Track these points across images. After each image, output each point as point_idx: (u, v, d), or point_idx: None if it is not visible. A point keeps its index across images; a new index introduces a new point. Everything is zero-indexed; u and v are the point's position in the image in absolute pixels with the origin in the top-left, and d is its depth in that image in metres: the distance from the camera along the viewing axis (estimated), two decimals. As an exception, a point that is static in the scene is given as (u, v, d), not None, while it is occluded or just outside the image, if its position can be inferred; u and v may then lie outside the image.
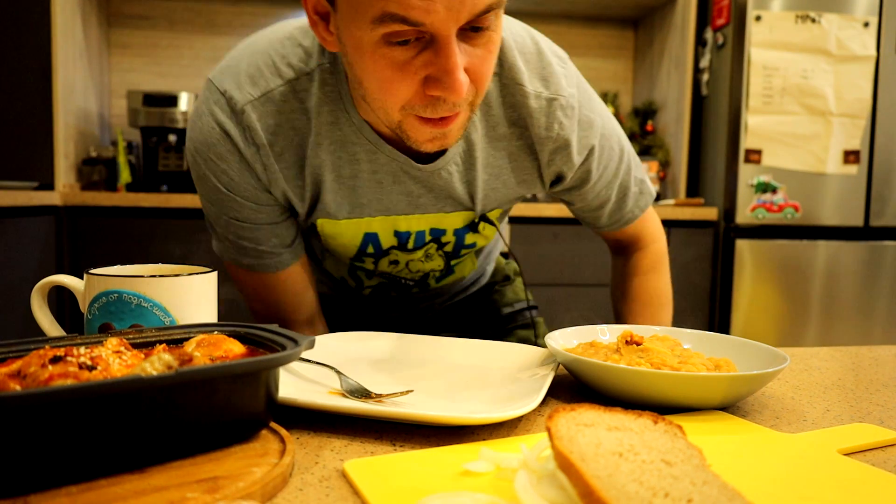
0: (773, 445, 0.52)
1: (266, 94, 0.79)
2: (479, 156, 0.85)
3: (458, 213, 0.89)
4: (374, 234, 0.89)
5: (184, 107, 2.58)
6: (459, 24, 0.64)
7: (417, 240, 0.91)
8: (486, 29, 0.67)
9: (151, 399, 0.43)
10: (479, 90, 0.71)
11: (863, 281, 2.62)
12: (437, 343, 0.81)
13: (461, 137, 0.78)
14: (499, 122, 0.85)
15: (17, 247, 2.01)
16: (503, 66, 0.83)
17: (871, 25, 2.54)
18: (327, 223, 0.86)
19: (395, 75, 0.67)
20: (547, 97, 0.84)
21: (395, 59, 0.66)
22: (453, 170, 0.84)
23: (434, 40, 0.65)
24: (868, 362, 0.86)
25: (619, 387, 0.62)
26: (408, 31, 0.64)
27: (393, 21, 0.63)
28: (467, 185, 0.87)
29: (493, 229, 0.95)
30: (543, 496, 0.39)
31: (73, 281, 0.67)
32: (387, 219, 0.87)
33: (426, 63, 0.66)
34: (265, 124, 0.79)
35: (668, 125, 2.96)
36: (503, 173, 0.87)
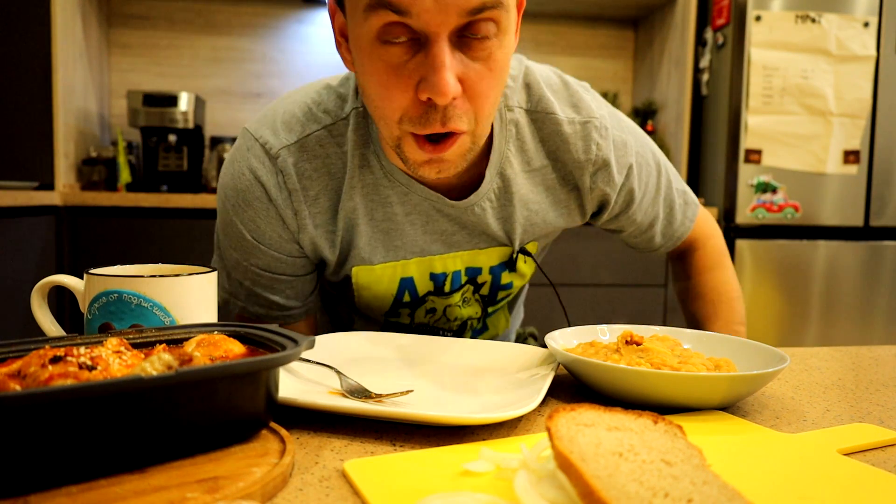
0: (773, 445, 0.52)
1: (302, 139, 0.79)
2: (515, 191, 0.84)
3: (492, 250, 0.88)
4: (410, 280, 0.87)
5: (184, 107, 2.58)
6: (450, 23, 0.63)
7: (454, 281, 0.89)
8: (485, 38, 0.65)
9: (151, 399, 0.43)
10: (479, 114, 0.69)
11: (863, 281, 2.62)
12: (437, 343, 0.81)
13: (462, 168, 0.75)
14: (534, 155, 0.84)
15: (17, 247, 2.01)
16: (532, 100, 0.84)
17: (871, 25, 2.54)
18: (362, 271, 0.85)
19: (391, 79, 0.66)
20: (580, 121, 0.84)
21: (390, 59, 0.66)
22: (487, 206, 0.84)
23: (426, 41, 0.64)
24: (868, 362, 0.86)
25: (619, 387, 0.62)
26: (398, 27, 0.63)
27: (380, 7, 0.62)
28: (503, 222, 0.86)
29: (530, 266, 0.93)
30: (543, 496, 0.39)
31: (73, 281, 0.67)
32: (422, 260, 0.86)
33: (419, 65, 0.65)
34: (300, 169, 0.79)
35: (668, 125, 2.96)
36: (542, 208, 0.87)
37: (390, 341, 0.82)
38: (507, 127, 0.83)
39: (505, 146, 0.83)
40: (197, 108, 2.64)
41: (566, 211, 0.89)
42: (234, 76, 2.99)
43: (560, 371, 0.77)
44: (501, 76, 0.69)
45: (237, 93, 3.00)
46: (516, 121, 0.83)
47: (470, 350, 0.79)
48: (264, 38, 3.01)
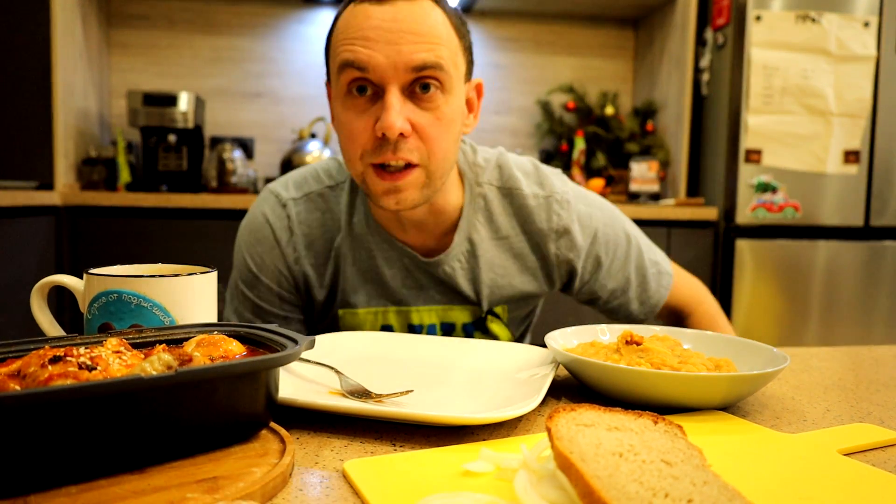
0: (773, 445, 0.52)
1: (307, 195, 0.96)
2: (481, 255, 0.95)
3: (464, 308, 0.97)
4: (389, 327, 0.97)
5: (183, 107, 2.58)
6: (399, 77, 0.79)
7: (429, 333, 0.97)
8: (432, 89, 0.81)
9: (151, 399, 0.43)
10: (431, 153, 0.82)
11: (863, 281, 2.62)
12: (437, 343, 0.81)
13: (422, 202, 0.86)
14: (501, 225, 0.96)
15: (17, 247, 2.01)
16: (502, 178, 0.97)
17: (871, 25, 2.54)
18: (347, 314, 0.96)
19: (355, 121, 0.82)
20: (543, 196, 0.97)
21: (355, 106, 0.82)
22: (456, 266, 0.95)
23: (382, 92, 0.80)
24: (868, 362, 0.86)
25: (619, 387, 0.62)
26: (359, 77, 0.80)
27: (348, 66, 0.80)
28: (472, 283, 0.96)
29: (502, 329, 0.98)
30: (543, 496, 0.39)
31: (73, 281, 0.67)
32: (401, 310, 0.96)
33: (377, 110, 0.81)
34: (301, 218, 0.95)
35: (668, 125, 2.96)
36: (507, 272, 0.96)
37: (390, 341, 0.82)
38: (476, 199, 0.96)
39: (473, 215, 0.95)
40: (197, 108, 2.64)
41: (533, 278, 0.98)
42: (234, 76, 2.99)
43: (560, 371, 0.77)
44: (449, 127, 0.83)
45: (237, 93, 3.00)
46: (485, 195, 0.96)
47: (470, 350, 0.79)
48: (264, 38, 3.01)
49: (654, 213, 2.56)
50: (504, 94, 3.19)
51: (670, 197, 2.92)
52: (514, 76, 3.20)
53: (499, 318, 0.97)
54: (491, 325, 0.97)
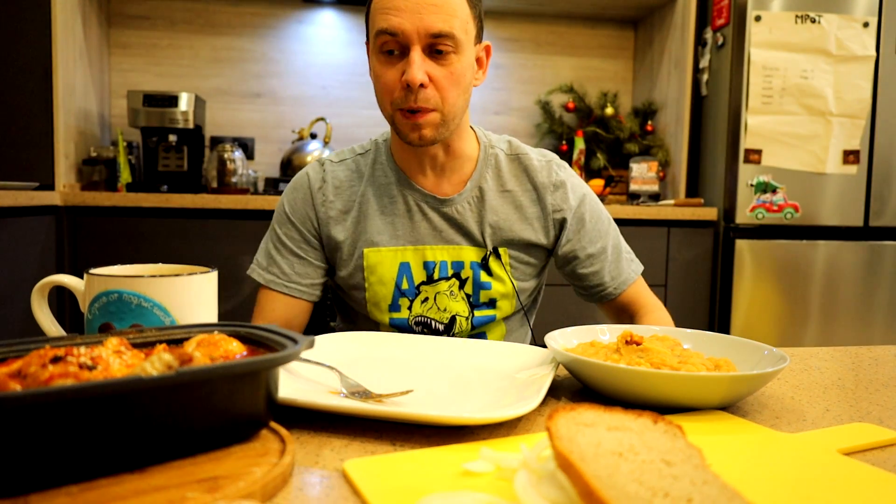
0: (773, 445, 0.52)
1: (343, 160, 1.16)
2: (487, 201, 1.11)
3: (472, 248, 1.11)
4: (407, 265, 1.11)
5: (184, 107, 2.58)
6: (421, 40, 0.98)
7: (441, 270, 1.11)
8: (446, 53, 0.99)
9: (151, 399, 0.43)
10: (443, 98, 1.01)
11: (863, 281, 2.62)
12: (437, 343, 0.81)
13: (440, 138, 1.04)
14: (507, 180, 1.13)
15: (17, 247, 2.01)
16: (511, 148, 1.16)
17: (871, 25, 2.54)
18: (371, 252, 1.10)
19: (387, 73, 1.01)
20: (546, 160, 1.16)
21: (388, 62, 1.01)
22: (467, 207, 1.11)
23: (407, 52, 0.99)
24: (868, 362, 0.86)
25: (619, 387, 0.62)
26: (391, 41, 0.99)
27: (382, 33, 0.98)
28: (479, 224, 1.11)
29: (500, 270, 1.12)
30: (543, 496, 0.39)
31: (74, 281, 0.67)
32: (417, 249, 1.11)
33: (403, 65, 0.99)
34: (336, 174, 1.15)
35: (668, 125, 2.96)
36: (509, 218, 1.12)
37: (390, 341, 0.82)
38: (489, 157, 1.14)
39: (484, 168, 1.13)
40: (197, 108, 2.64)
41: (531, 226, 1.12)
42: (234, 76, 2.99)
43: (560, 371, 0.77)
44: (460, 80, 1.02)
45: (237, 93, 3.00)
46: (496, 155, 1.14)
47: (470, 350, 0.79)
48: (264, 38, 3.01)
49: (654, 213, 2.56)
50: (504, 94, 3.19)
51: (670, 197, 2.92)
52: (514, 76, 3.20)
53: (500, 259, 1.11)
54: (493, 265, 1.11)
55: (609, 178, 2.97)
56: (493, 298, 1.12)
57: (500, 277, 1.11)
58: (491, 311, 1.12)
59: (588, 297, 1.20)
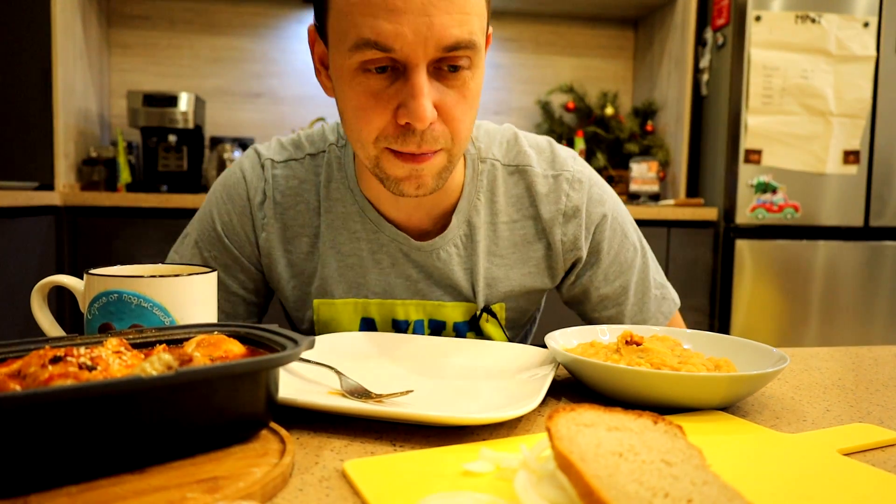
0: (773, 445, 0.52)
1: (288, 161, 0.88)
2: (480, 240, 0.86)
3: (457, 304, 0.87)
4: (371, 321, 0.88)
5: (183, 107, 2.58)
6: (428, 55, 0.67)
7: (416, 332, 0.88)
8: (461, 69, 0.70)
9: (151, 399, 0.43)
10: (455, 135, 0.73)
11: (863, 281, 2.62)
12: (437, 343, 0.81)
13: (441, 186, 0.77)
14: (504, 206, 0.87)
15: (17, 247, 2.01)
16: (510, 154, 0.88)
17: (871, 25, 2.54)
18: (323, 305, 0.87)
19: (370, 102, 0.70)
20: (553, 174, 0.87)
21: (371, 87, 0.70)
22: (453, 252, 0.85)
23: (405, 70, 0.68)
24: (868, 362, 0.86)
25: (619, 387, 0.62)
26: (381, 58, 0.67)
27: (367, 47, 0.66)
28: (468, 273, 0.86)
29: (496, 330, 0.88)
30: (543, 496, 0.39)
31: (73, 281, 0.67)
32: (384, 303, 0.87)
33: (398, 91, 0.69)
34: (278, 185, 0.87)
35: (668, 125, 2.96)
36: (506, 262, 0.87)
37: (390, 341, 0.82)
38: (479, 177, 0.86)
39: (474, 194, 0.86)
40: (197, 108, 2.64)
41: (534, 270, 0.88)
42: (234, 76, 2.99)
43: (560, 371, 0.77)
44: (474, 103, 0.74)
45: (237, 93, 3.00)
46: (490, 173, 0.86)
47: (470, 350, 0.79)
48: (264, 38, 3.01)
49: (654, 214, 2.56)
50: (504, 94, 3.19)
51: (670, 197, 2.92)
52: (514, 76, 3.20)
53: (495, 317, 0.88)
54: (486, 326, 0.88)
55: (609, 178, 2.97)
56: None
57: (493, 336, 0.89)
58: None
59: None
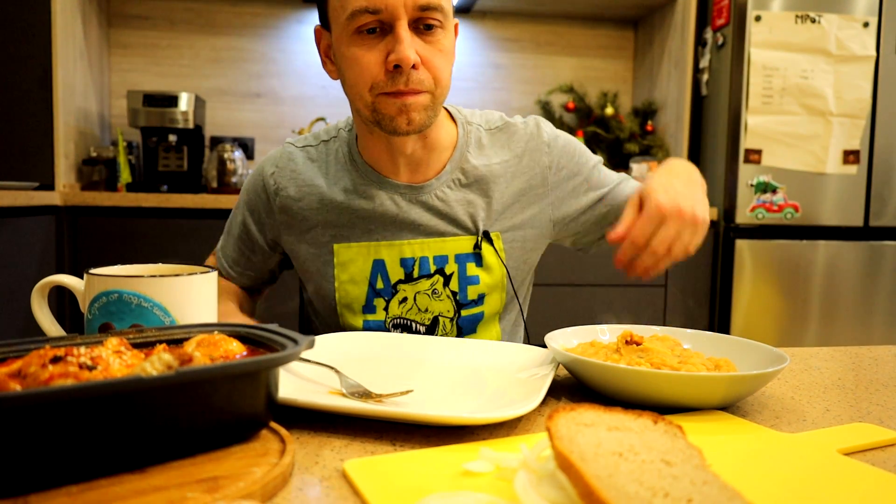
0: (773, 445, 0.52)
1: (305, 146, 1.07)
2: (473, 181, 1.00)
3: (459, 238, 1.00)
4: (381, 262, 1.00)
5: (184, 107, 2.58)
6: (408, 13, 0.85)
7: (422, 267, 0.99)
8: (434, 28, 0.88)
9: (151, 399, 0.43)
10: (436, 79, 0.89)
11: (863, 281, 2.62)
12: (437, 343, 0.81)
13: (428, 124, 0.92)
14: (493, 153, 1.02)
15: (17, 247, 2.01)
16: (491, 121, 1.05)
17: (871, 25, 2.54)
18: (342, 248, 1.00)
19: (365, 55, 0.88)
20: (527, 120, 1.06)
21: (364, 43, 0.87)
22: (448, 192, 1.00)
23: (391, 28, 0.86)
24: (868, 362, 0.86)
25: (619, 387, 0.62)
26: (371, 20, 0.85)
27: (359, 14, 0.85)
28: (465, 206, 1.00)
29: (495, 259, 1.00)
30: (543, 496, 0.39)
31: (74, 281, 0.67)
32: (393, 244, 0.99)
33: (386, 45, 0.87)
34: (295, 159, 1.05)
35: (668, 125, 2.96)
36: (500, 194, 1.00)
37: (390, 341, 0.82)
38: (469, 136, 1.02)
39: (465, 148, 1.01)
40: (197, 108, 2.64)
41: (529, 201, 1.02)
42: (234, 76, 2.99)
43: (560, 371, 0.77)
44: (449, 57, 0.91)
45: (237, 93, 3.00)
46: (476, 133, 1.03)
47: (470, 350, 0.79)
48: (264, 38, 3.01)
49: (654, 214, 2.56)
50: (504, 94, 3.18)
51: (670, 197, 2.91)
52: (514, 76, 3.20)
53: (492, 244, 1.00)
54: (485, 252, 0.99)
55: (609, 178, 2.97)
56: (481, 294, 1.01)
57: (491, 266, 1.00)
58: (478, 308, 1.02)
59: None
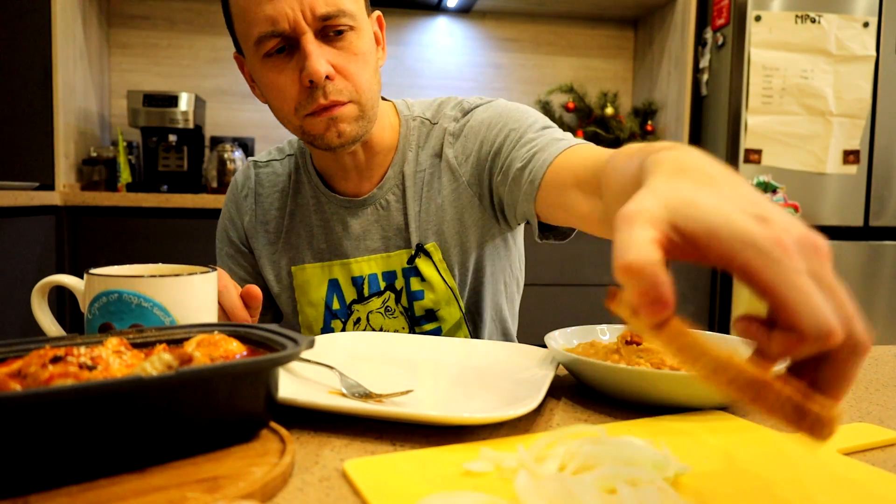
0: (773, 445, 0.52)
1: (270, 161, 1.06)
2: (409, 185, 0.96)
3: (402, 252, 0.96)
4: (335, 282, 0.98)
5: (184, 107, 2.58)
6: (310, 23, 0.80)
7: (371, 285, 0.97)
8: (344, 32, 0.83)
9: (151, 399, 0.43)
10: (356, 86, 0.85)
11: (863, 281, 2.62)
12: (437, 343, 0.81)
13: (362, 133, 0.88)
14: (424, 154, 0.97)
15: (17, 247, 2.01)
16: (434, 113, 0.99)
17: (871, 25, 2.54)
18: (298, 270, 1.00)
19: (279, 78, 0.84)
20: (454, 105, 0.98)
21: (277, 65, 0.84)
22: (391, 200, 0.96)
23: (297, 43, 0.82)
24: (868, 362, 0.86)
25: (619, 387, 0.62)
26: (276, 42, 0.81)
27: (264, 38, 0.82)
28: (404, 217, 0.96)
29: (433, 272, 0.94)
30: (543, 496, 0.39)
31: (74, 281, 0.67)
32: (344, 263, 0.98)
33: (297, 62, 0.83)
34: (262, 180, 1.04)
35: (668, 125, 2.96)
36: (430, 199, 0.95)
37: (390, 341, 0.82)
38: (410, 134, 0.98)
39: (406, 148, 0.97)
40: (197, 108, 2.64)
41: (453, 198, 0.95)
42: (234, 76, 2.99)
43: (560, 371, 0.77)
44: (367, 59, 0.86)
45: (237, 93, 3.00)
46: (419, 129, 0.98)
47: (470, 350, 0.79)
48: (264, 38, 3.00)
49: (654, 214, 2.56)
50: (504, 94, 3.18)
51: (670, 197, 2.91)
52: (514, 76, 3.20)
53: (429, 256, 0.94)
54: (420, 265, 0.94)
55: (609, 178, 2.97)
56: (429, 309, 0.95)
57: (432, 281, 0.95)
58: (433, 324, 0.96)
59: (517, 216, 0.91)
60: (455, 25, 3.15)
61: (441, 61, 3.15)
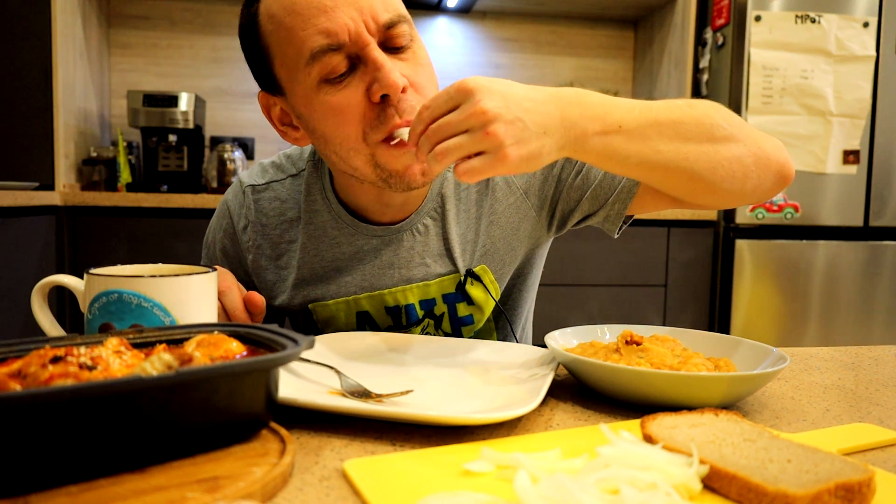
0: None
1: (269, 183, 0.92)
2: (450, 208, 0.87)
3: (443, 280, 0.89)
4: (366, 314, 0.90)
5: (184, 107, 2.58)
6: (374, 34, 0.71)
7: (409, 315, 0.89)
8: (406, 48, 0.74)
9: (151, 399, 0.43)
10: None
11: (863, 281, 2.62)
12: (437, 343, 0.81)
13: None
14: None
15: (17, 247, 2.01)
16: None
17: (871, 25, 2.54)
18: (318, 306, 0.90)
19: (342, 102, 0.72)
20: None
21: (337, 86, 0.73)
22: (428, 226, 0.87)
23: (362, 57, 0.72)
24: (868, 362, 0.86)
25: (619, 387, 0.62)
26: (339, 60, 0.71)
27: (321, 53, 0.71)
28: (444, 241, 0.88)
29: (481, 293, 0.89)
30: (543, 496, 0.39)
31: (74, 281, 0.67)
32: (373, 295, 0.89)
33: (363, 76, 0.72)
34: (263, 207, 0.91)
35: (668, 125, 2.96)
36: (475, 220, 0.88)
37: (390, 341, 0.82)
38: None
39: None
40: (197, 108, 2.64)
41: (504, 216, 0.88)
42: (234, 76, 2.99)
43: (560, 371, 0.77)
44: (431, 70, 0.77)
45: (237, 93, 3.00)
46: None
47: (470, 350, 0.79)
48: (264, 38, 3.00)
49: (654, 213, 2.56)
50: (504, 94, 3.18)
51: (670, 197, 2.92)
52: (514, 76, 3.20)
53: (479, 280, 0.88)
54: (472, 290, 0.88)
55: (609, 178, 2.97)
56: (478, 331, 0.92)
57: (481, 303, 0.90)
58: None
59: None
60: (455, 25, 3.15)
61: (441, 61, 3.15)
